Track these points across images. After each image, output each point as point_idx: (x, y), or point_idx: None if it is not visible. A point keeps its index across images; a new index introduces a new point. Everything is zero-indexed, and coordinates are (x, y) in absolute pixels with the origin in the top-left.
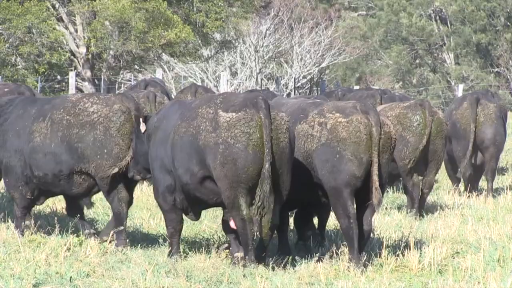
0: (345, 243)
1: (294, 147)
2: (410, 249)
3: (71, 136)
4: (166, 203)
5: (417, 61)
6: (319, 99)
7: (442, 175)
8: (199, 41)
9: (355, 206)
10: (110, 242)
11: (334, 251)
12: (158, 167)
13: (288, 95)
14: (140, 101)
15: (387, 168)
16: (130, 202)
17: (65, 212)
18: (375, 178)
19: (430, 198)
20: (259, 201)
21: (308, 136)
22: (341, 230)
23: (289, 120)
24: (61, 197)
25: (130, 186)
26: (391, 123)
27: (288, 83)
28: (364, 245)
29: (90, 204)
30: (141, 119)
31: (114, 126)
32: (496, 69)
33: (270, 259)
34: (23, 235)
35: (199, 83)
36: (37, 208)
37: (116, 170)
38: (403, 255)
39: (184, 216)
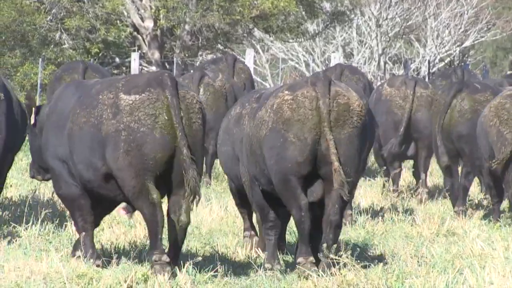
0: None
1: (205, 131)
2: None
3: None
4: (69, 194)
5: None
6: None
7: None
8: (303, 13)
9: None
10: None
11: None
12: (52, 157)
13: None
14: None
15: (354, 146)
16: None
17: (124, 239)
18: (333, 157)
19: None
20: (189, 192)
21: (261, 121)
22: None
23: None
24: (120, 220)
25: None
26: None
27: (421, 67)
28: (334, 238)
29: None
30: (33, 110)
31: None
32: None
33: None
34: None
35: (303, 67)
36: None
37: None
38: None
39: None
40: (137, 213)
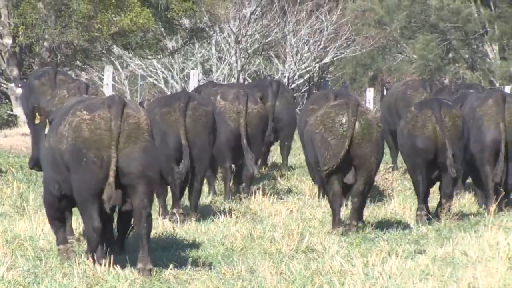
0: None
1: None
2: None
3: None
4: None
5: (450, 55)
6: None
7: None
8: (162, 29)
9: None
10: None
11: None
12: None
13: None
14: (70, 93)
15: (149, 156)
16: None
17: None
18: (110, 173)
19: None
20: None
21: (61, 136)
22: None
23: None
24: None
25: None
26: None
27: None
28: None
29: None
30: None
31: None
32: None
33: None
34: None
35: (162, 84)
36: None
37: None
38: None
39: None
40: (47, 231)
